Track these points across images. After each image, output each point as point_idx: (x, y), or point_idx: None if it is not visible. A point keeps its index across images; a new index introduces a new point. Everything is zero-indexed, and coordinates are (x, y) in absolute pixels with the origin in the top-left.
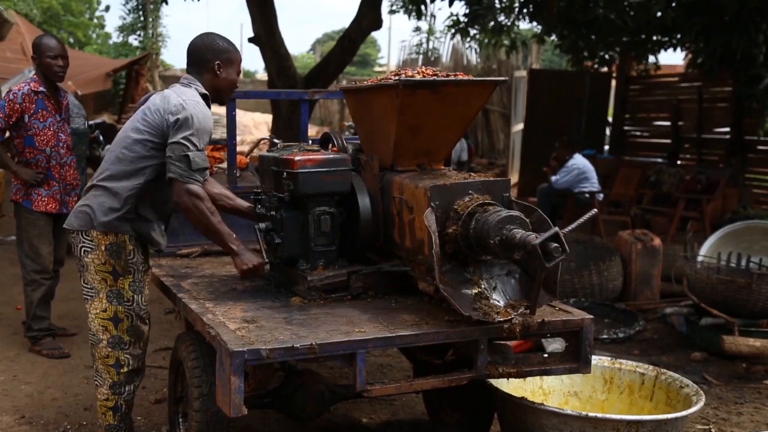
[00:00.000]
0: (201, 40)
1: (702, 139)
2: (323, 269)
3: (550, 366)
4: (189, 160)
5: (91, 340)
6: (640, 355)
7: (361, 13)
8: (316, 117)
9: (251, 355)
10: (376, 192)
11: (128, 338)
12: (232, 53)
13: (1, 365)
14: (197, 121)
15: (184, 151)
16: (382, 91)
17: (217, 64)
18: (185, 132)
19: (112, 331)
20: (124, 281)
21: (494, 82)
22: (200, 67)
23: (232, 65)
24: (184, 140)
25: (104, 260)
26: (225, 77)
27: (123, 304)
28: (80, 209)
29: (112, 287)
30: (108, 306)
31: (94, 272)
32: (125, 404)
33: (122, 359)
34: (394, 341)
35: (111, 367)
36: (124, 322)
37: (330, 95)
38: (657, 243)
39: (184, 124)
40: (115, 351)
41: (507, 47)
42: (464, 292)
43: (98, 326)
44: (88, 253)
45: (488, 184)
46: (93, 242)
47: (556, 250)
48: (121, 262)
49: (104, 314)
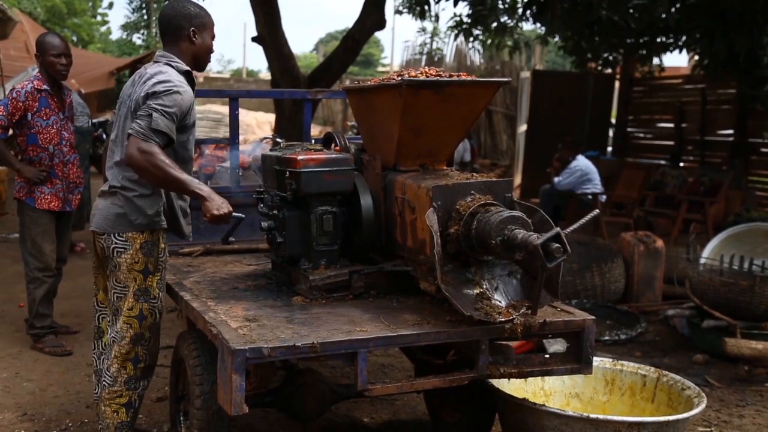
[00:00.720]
0: (172, 8)
1: (705, 141)
2: (325, 268)
3: (551, 367)
4: (151, 119)
5: (113, 338)
6: (642, 356)
7: (364, 13)
8: (319, 116)
9: (253, 354)
10: (379, 192)
11: (149, 335)
12: (204, 17)
13: (3, 362)
14: (174, 95)
15: (149, 111)
16: (386, 91)
17: (192, 31)
18: (157, 99)
19: (136, 328)
20: (153, 279)
21: (497, 83)
22: (175, 36)
23: (206, 29)
24: (155, 104)
25: (138, 259)
26: (201, 43)
27: (149, 302)
28: (111, 211)
29: (140, 285)
30: (134, 304)
31: (127, 271)
32: (138, 400)
33: (141, 355)
34: (396, 341)
35: (130, 361)
36: (148, 319)
37: (333, 95)
38: (659, 245)
39: (161, 93)
40: (135, 347)
41: (510, 48)
42: (466, 292)
43: (123, 324)
44: (122, 253)
45: (490, 184)
46: (127, 242)
47: (557, 251)
48: (152, 260)
49: (130, 312)
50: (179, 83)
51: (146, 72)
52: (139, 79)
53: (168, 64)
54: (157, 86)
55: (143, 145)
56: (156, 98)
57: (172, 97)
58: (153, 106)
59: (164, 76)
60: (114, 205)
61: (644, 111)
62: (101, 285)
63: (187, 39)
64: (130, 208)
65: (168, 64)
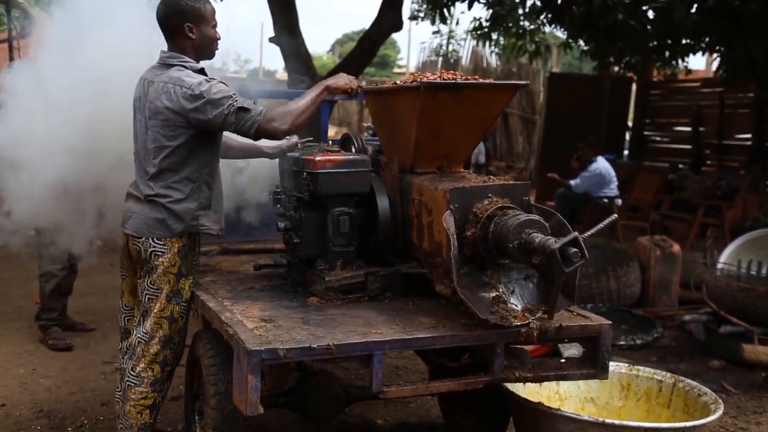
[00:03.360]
0: (164, 5)
1: (723, 145)
2: (341, 270)
3: (567, 371)
4: (244, 108)
5: (140, 338)
6: (658, 362)
7: (382, 14)
8: (334, 117)
9: (268, 355)
10: (395, 194)
11: (178, 339)
12: (198, 9)
13: (20, 359)
14: (214, 91)
15: (232, 109)
16: (404, 93)
17: (187, 26)
18: (216, 102)
19: (166, 330)
20: (186, 282)
21: (515, 86)
22: (172, 33)
23: (202, 20)
24: (225, 107)
25: (174, 262)
26: (199, 36)
27: (180, 304)
28: (150, 215)
29: (173, 287)
30: (166, 305)
31: (162, 274)
32: (161, 401)
33: (168, 357)
34: (411, 343)
35: (157, 363)
36: (178, 322)
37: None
38: (676, 249)
39: (209, 101)
40: (164, 349)
41: (531, 53)
42: (482, 295)
43: (153, 324)
44: (159, 256)
45: (508, 187)
46: (166, 246)
47: (575, 255)
48: (187, 263)
49: (161, 313)
50: (206, 78)
51: (163, 79)
52: (151, 86)
53: (182, 66)
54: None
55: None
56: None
57: (218, 87)
58: (228, 104)
59: (191, 80)
60: (153, 211)
61: (661, 114)
62: (128, 288)
63: (184, 35)
64: (167, 213)
65: (182, 65)
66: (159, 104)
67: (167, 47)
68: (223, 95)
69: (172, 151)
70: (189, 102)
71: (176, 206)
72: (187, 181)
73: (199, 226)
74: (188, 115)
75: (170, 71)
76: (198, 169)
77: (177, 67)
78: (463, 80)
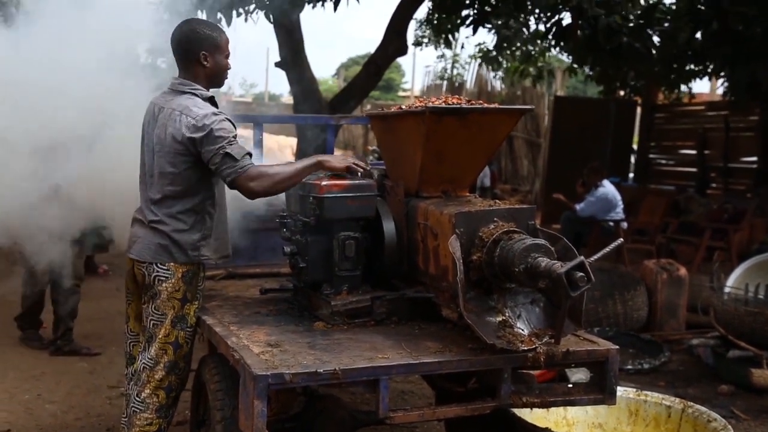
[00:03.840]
0: (180, 33)
1: (729, 168)
2: (347, 294)
3: (574, 396)
4: (230, 155)
5: (145, 364)
6: (666, 386)
7: (387, 39)
8: (339, 140)
9: (275, 380)
10: (401, 218)
11: (183, 364)
12: (215, 38)
13: (26, 384)
14: (217, 126)
15: (221, 151)
16: (409, 118)
17: (203, 55)
18: (212, 139)
19: (171, 356)
20: (191, 307)
21: (520, 110)
22: (186, 60)
23: (217, 50)
24: (217, 146)
25: (179, 287)
26: (213, 65)
27: (185, 330)
28: (153, 241)
29: (178, 312)
30: (171, 331)
31: (167, 299)
32: (166, 427)
33: (174, 383)
34: (417, 368)
35: (162, 390)
36: (183, 347)
37: (356, 121)
38: (683, 273)
39: (208, 135)
40: (169, 376)
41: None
42: (488, 319)
43: (158, 350)
44: (163, 282)
45: (513, 211)
46: (169, 271)
47: (581, 280)
48: (192, 288)
49: (166, 338)
50: (214, 111)
51: (172, 106)
52: (161, 113)
53: (192, 94)
54: (205, 121)
55: (246, 179)
56: (213, 136)
57: (222, 125)
58: (220, 146)
59: (199, 110)
60: (156, 236)
61: (666, 138)
62: (133, 313)
63: (199, 63)
64: (170, 241)
65: (192, 93)
66: (165, 131)
67: (179, 73)
68: (221, 134)
69: (175, 178)
70: (190, 131)
71: (179, 236)
72: (191, 212)
73: (200, 257)
74: (187, 143)
75: (180, 98)
76: (202, 200)
77: (187, 95)
78: (468, 105)
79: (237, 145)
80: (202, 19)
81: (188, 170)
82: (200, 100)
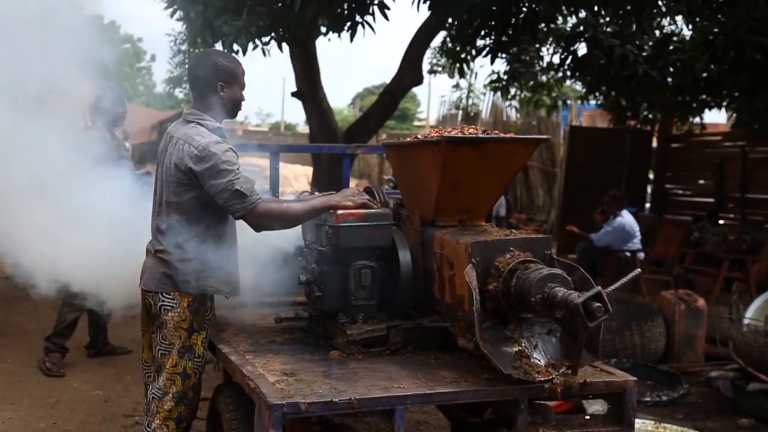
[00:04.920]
0: (198, 63)
1: (746, 198)
2: (363, 323)
3: (591, 428)
4: (239, 192)
5: (154, 394)
6: (685, 419)
7: (402, 69)
8: (355, 170)
9: (290, 409)
10: (417, 247)
11: (192, 395)
12: (231, 69)
13: (41, 411)
14: (219, 158)
15: (230, 187)
16: (425, 147)
17: (219, 85)
18: (218, 173)
19: (179, 386)
20: (198, 337)
21: (536, 140)
22: (202, 90)
23: (234, 81)
24: (225, 181)
25: (185, 317)
26: (229, 96)
27: (193, 360)
28: (158, 270)
29: (185, 342)
30: (178, 361)
31: (173, 329)
32: None
33: (183, 414)
34: (433, 398)
35: (172, 420)
36: (191, 378)
37: (372, 150)
38: (701, 304)
39: (212, 168)
40: (178, 406)
41: (548, 107)
42: (504, 349)
43: (166, 380)
44: (169, 311)
45: (530, 241)
46: (175, 300)
47: (598, 310)
48: (199, 318)
49: (174, 369)
50: (217, 140)
51: (178, 135)
52: (170, 141)
53: (198, 123)
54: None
55: (256, 216)
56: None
57: (226, 156)
58: (228, 181)
59: (202, 139)
60: (161, 266)
61: (683, 167)
62: (147, 343)
63: (215, 93)
64: (174, 270)
65: (198, 123)
66: (171, 160)
67: (193, 102)
68: (226, 168)
69: (179, 207)
70: (192, 162)
71: (183, 266)
72: (194, 240)
73: (206, 287)
74: (189, 173)
75: (186, 128)
76: (205, 230)
77: (193, 124)
78: (484, 135)
79: (243, 178)
80: (219, 51)
81: (191, 200)
82: (205, 130)
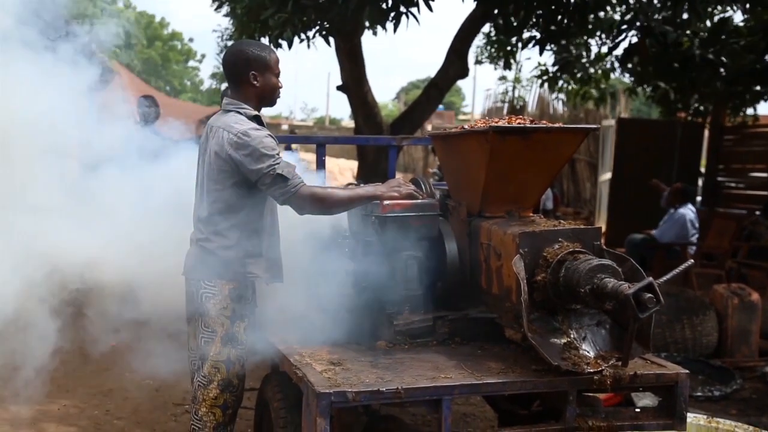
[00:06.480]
0: (231, 54)
1: None
2: (409, 314)
3: (642, 421)
4: (281, 176)
5: (199, 382)
6: (738, 415)
7: (447, 62)
8: (400, 163)
9: (337, 398)
10: (464, 238)
11: (237, 382)
12: (264, 58)
13: (94, 400)
14: (259, 143)
15: (272, 172)
16: (472, 137)
17: (252, 75)
18: (258, 158)
19: (224, 374)
20: (241, 325)
21: (585, 129)
22: (237, 81)
23: (267, 69)
24: (266, 166)
25: (226, 305)
26: (263, 84)
27: (237, 348)
28: (200, 258)
29: (228, 330)
30: (222, 349)
31: (215, 316)
32: None
33: (229, 401)
34: (481, 389)
35: (218, 407)
36: (235, 365)
37: (417, 141)
38: (755, 298)
39: (252, 154)
40: (224, 393)
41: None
42: (553, 341)
43: (210, 368)
44: (210, 298)
45: (578, 232)
46: (216, 288)
47: (650, 301)
48: (241, 305)
49: (218, 357)
50: (256, 127)
51: (218, 124)
52: (211, 131)
53: (237, 112)
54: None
55: (299, 198)
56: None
57: (265, 142)
58: (269, 165)
59: (240, 126)
60: (202, 253)
61: (735, 160)
62: (192, 331)
63: (249, 83)
64: (215, 258)
65: (237, 111)
66: (212, 149)
67: (231, 94)
68: (265, 153)
69: (220, 195)
70: (232, 148)
71: (223, 252)
72: (235, 228)
73: (246, 274)
74: (229, 160)
75: (226, 117)
76: (247, 216)
77: (232, 113)
78: (532, 125)
79: (284, 163)
80: (251, 41)
81: (231, 187)
82: (243, 117)
